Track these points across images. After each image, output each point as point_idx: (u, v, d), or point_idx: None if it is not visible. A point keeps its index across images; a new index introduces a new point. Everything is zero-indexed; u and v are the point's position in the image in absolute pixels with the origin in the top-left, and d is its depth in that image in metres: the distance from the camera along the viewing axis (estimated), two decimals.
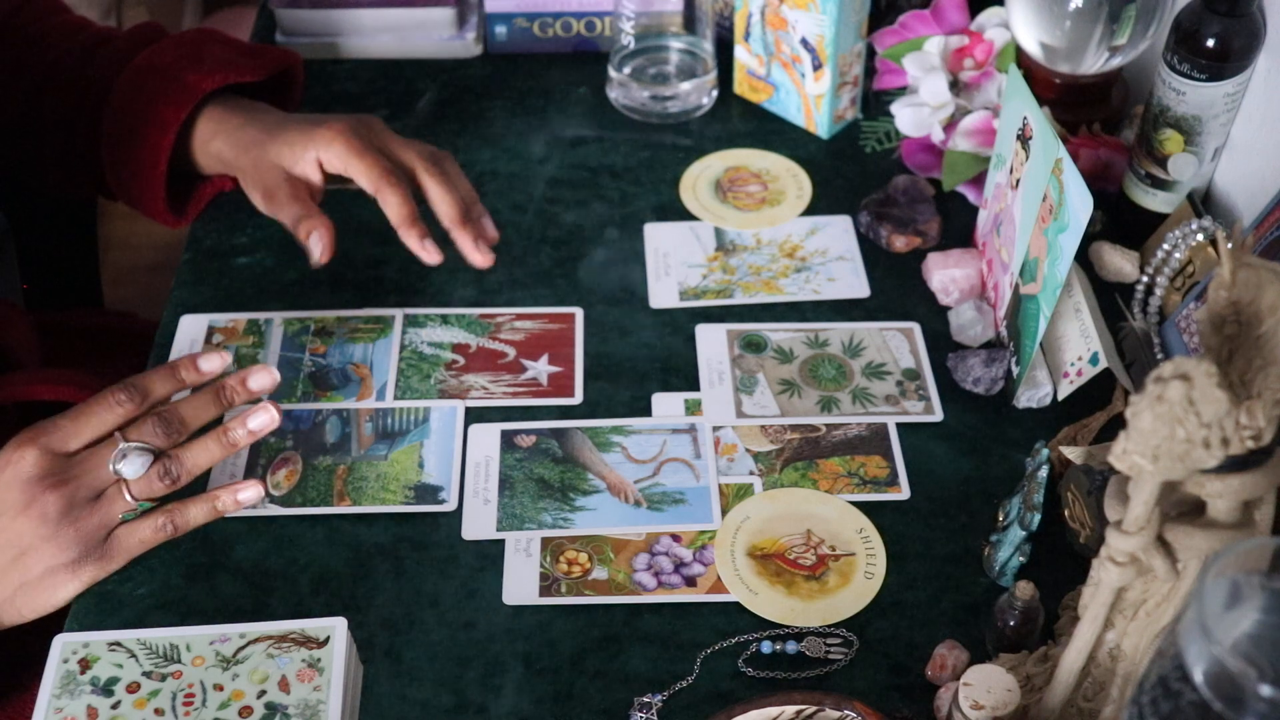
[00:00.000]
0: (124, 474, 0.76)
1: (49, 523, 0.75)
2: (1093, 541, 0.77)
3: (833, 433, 0.87)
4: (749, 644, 0.76)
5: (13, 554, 0.75)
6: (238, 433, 0.79)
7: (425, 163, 0.91)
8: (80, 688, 0.70)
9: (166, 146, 0.94)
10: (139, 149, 0.95)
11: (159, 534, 0.78)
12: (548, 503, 0.83)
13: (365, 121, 0.92)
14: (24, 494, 0.74)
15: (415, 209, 0.89)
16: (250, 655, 0.71)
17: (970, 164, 1.01)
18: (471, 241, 0.91)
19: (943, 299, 0.96)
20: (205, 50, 0.97)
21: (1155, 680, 0.52)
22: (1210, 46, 0.87)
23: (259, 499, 0.80)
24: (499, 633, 0.77)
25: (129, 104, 0.95)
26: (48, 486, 0.74)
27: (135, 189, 0.97)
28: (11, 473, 0.74)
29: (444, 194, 0.90)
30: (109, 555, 0.77)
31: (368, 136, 0.91)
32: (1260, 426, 0.51)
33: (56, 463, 0.75)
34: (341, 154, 0.89)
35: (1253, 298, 0.56)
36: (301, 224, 0.88)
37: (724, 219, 1.03)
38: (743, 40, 1.12)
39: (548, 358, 0.93)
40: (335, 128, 0.90)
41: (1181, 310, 0.88)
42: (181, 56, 0.96)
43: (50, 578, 0.76)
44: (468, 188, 0.93)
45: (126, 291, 1.84)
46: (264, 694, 0.69)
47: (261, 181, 0.91)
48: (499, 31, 1.18)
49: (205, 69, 0.95)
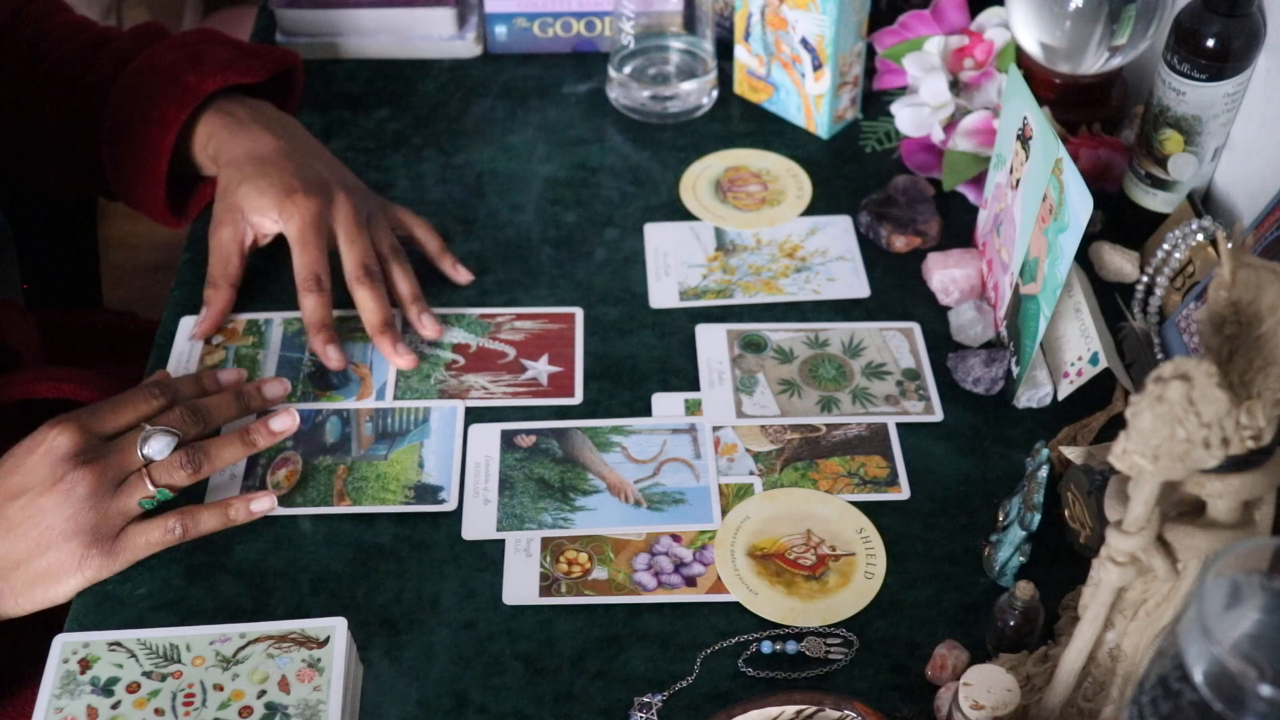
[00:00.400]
0: (149, 455, 0.78)
1: (73, 501, 0.75)
2: (1093, 541, 0.77)
3: (833, 433, 0.87)
4: (749, 644, 0.76)
5: (34, 534, 0.75)
6: (259, 433, 0.82)
7: (358, 271, 0.91)
8: (80, 688, 0.70)
9: (167, 147, 0.94)
10: (139, 149, 0.95)
11: (168, 535, 0.78)
12: (548, 503, 0.83)
13: (340, 204, 0.92)
14: (55, 470, 0.75)
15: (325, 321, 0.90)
16: (250, 655, 0.71)
17: (970, 164, 1.01)
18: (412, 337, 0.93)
19: (943, 299, 0.96)
20: (205, 51, 0.97)
21: (1155, 680, 0.52)
22: (1210, 46, 0.87)
23: (271, 509, 0.81)
24: (499, 633, 0.77)
25: (129, 105, 0.96)
26: (80, 464, 0.75)
27: (135, 189, 0.98)
28: (47, 448, 0.76)
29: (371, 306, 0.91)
30: (116, 552, 0.77)
31: (325, 228, 0.91)
32: (1260, 426, 0.51)
33: (91, 442, 0.77)
34: (293, 235, 0.90)
35: (1253, 298, 0.56)
36: (208, 290, 0.93)
37: (724, 219, 1.03)
38: (743, 40, 1.12)
39: (548, 358, 0.93)
40: (301, 206, 0.90)
41: (1181, 310, 0.88)
42: (182, 57, 0.96)
43: (56, 568, 0.76)
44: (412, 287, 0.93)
45: (126, 291, 1.84)
46: (264, 694, 0.69)
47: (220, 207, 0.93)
48: (499, 31, 1.18)
49: (205, 70, 0.96)
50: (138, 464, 0.78)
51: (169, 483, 0.78)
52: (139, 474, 0.78)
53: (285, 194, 0.90)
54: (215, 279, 0.93)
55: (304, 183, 0.91)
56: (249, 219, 0.92)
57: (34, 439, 0.77)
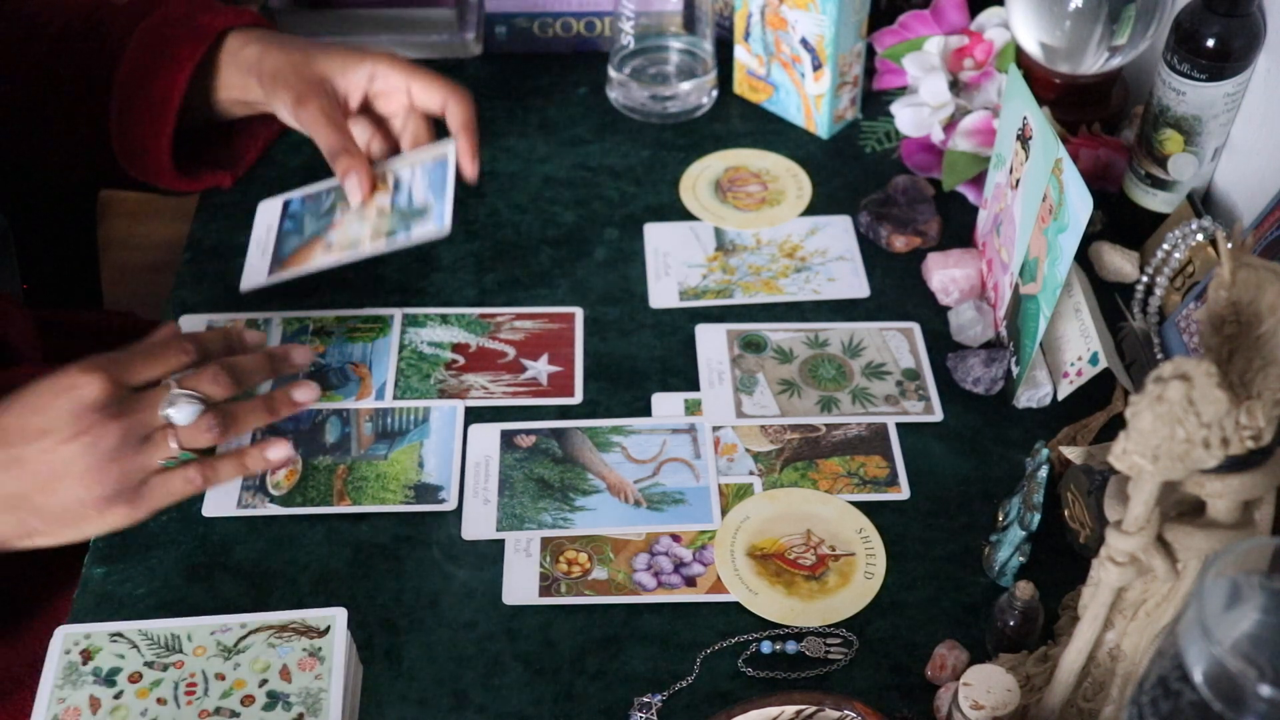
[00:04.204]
0: (174, 420, 0.76)
1: (96, 454, 0.73)
2: (1093, 541, 0.77)
3: (833, 433, 0.87)
4: (749, 644, 0.76)
5: (47, 476, 0.73)
6: (283, 402, 0.81)
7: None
8: (82, 678, 0.70)
9: (181, 83, 0.94)
10: (152, 90, 0.95)
11: (188, 486, 0.76)
12: (548, 503, 0.83)
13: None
14: (80, 419, 0.73)
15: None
16: (251, 645, 0.71)
17: (970, 164, 1.01)
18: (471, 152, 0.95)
19: (943, 299, 0.96)
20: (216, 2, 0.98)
21: (1155, 680, 0.52)
22: (1210, 46, 0.87)
23: (287, 457, 0.80)
24: (499, 633, 0.77)
25: (143, 55, 0.96)
26: (107, 417, 0.73)
27: (141, 137, 0.97)
28: (74, 396, 0.73)
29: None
30: (138, 501, 0.75)
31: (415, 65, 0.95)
32: (1260, 426, 0.51)
33: (119, 394, 0.74)
34: (403, 69, 0.93)
35: (1253, 298, 0.56)
36: (340, 160, 0.91)
37: (724, 219, 1.03)
38: (743, 40, 1.12)
39: (548, 357, 0.93)
40: (388, 52, 0.94)
41: (1181, 310, 0.88)
42: (195, 6, 0.97)
43: (79, 509, 0.74)
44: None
45: (126, 291, 1.84)
46: (265, 683, 0.70)
47: (296, 86, 0.92)
48: (499, 31, 1.18)
49: (219, 13, 0.96)
50: (159, 422, 0.76)
51: (194, 445, 0.77)
52: (163, 432, 0.76)
53: (363, 49, 0.93)
54: (340, 145, 0.92)
55: (365, 49, 0.95)
56: (338, 82, 0.93)
57: (58, 380, 0.74)
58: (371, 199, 0.92)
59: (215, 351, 0.81)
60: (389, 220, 0.91)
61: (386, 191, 0.92)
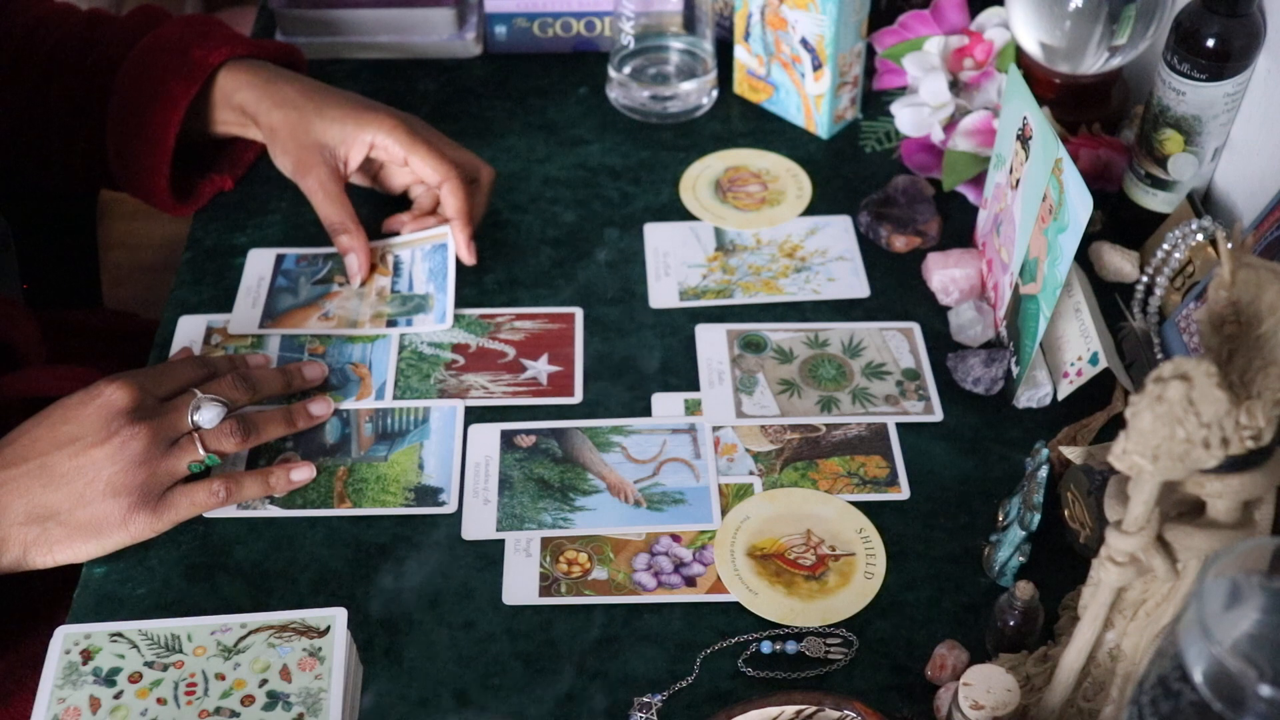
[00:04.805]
0: (200, 423, 0.79)
1: (126, 457, 0.75)
2: (1093, 541, 0.77)
3: (832, 433, 0.87)
4: (749, 644, 0.76)
5: (76, 481, 0.75)
6: (300, 414, 0.85)
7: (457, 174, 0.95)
8: (83, 678, 0.70)
9: (175, 123, 0.94)
10: (146, 128, 0.95)
11: (212, 498, 0.79)
12: (548, 503, 0.83)
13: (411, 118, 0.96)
14: (110, 424, 0.76)
15: (470, 208, 0.95)
16: (251, 645, 0.71)
17: (970, 164, 1.01)
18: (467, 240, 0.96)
19: (943, 299, 0.96)
20: (211, 28, 0.98)
21: (1155, 680, 0.52)
22: (1210, 46, 0.87)
23: (310, 478, 0.83)
24: (499, 633, 0.77)
25: (136, 85, 0.95)
26: (135, 420, 0.76)
27: (138, 173, 0.97)
28: (103, 402, 0.76)
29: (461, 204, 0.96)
30: (162, 510, 0.78)
31: (423, 131, 0.95)
32: (1260, 426, 0.51)
33: (148, 401, 0.78)
34: (404, 142, 0.92)
35: (1253, 298, 0.56)
36: (340, 239, 0.94)
37: (724, 219, 1.03)
38: (742, 40, 1.12)
39: (547, 357, 0.93)
40: (393, 115, 0.93)
41: (1181, 310, 0.88)
42: (188, 34, 0.97)
43: (104, 516, 0.76)
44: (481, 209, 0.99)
45: (126, 291, 1.84)
46: (265, 683, 0.70)
47: (294, 152, 0.93)
48: (499, 31, 1.18)
49: (211, 44, 0.96)
50: (189, 427, 0.79)
51: (219, 449, 0.80)
52: (190, 437, 0.79)
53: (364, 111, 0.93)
54: (341, 223, 0.94)
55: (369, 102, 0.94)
56: (339, 151, 0.93)
57: (89, 392, 0.77)
58: (371, 279, 0.94)
59: (226, 370, 0.85)
60: (389, 306, 0.93)
61: (386, 274, 0.93)
